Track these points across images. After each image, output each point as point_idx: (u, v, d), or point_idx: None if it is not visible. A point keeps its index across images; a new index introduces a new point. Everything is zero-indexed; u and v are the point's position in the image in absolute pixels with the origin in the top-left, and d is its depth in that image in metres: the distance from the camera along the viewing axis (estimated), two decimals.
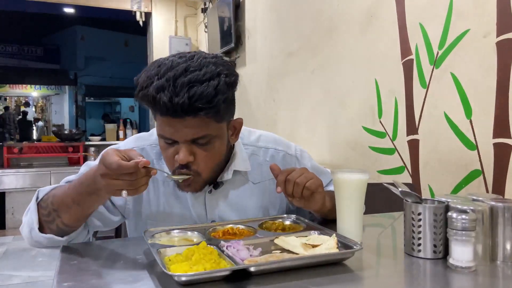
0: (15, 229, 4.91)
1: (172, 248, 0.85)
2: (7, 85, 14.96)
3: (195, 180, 0.99)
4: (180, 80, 0.88)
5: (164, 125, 0.94)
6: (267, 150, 1.19)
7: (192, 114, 0.90)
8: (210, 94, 0.89)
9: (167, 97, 0.87)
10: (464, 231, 0.78)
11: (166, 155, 0.98)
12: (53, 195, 0.97)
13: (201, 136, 0.94)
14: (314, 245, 0.86)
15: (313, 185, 0.99)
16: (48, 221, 0.96)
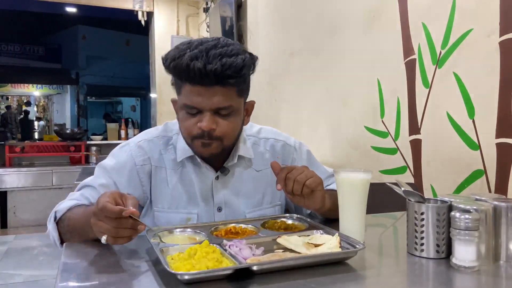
0: (17, 228, 4.93)
1: (174, 247, 0.85)
2: (9, 84, 14.98)
3: (216, 144, 1.04)
4: (211, 51, 0.96)
5: (192, 94, 1.00)
6: (267, 140, 1.24)
7: (221, 83, 0.98)
8: (239, 65, 0.98)
9: (201, 64, 0.95)
10: (467, 230, 0.78)
11: (188, 124, 1.03)
12: (68, 218, 1.02)
13: (225, 106, 1.01)
14: (316, 244, 0.87)
15: (313, 183, 1.00)
16: (67, 238, 1.03)
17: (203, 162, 1.13)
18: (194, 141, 1.05)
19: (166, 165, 1.14)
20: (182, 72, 0.98)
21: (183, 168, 1.14)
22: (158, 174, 1.13)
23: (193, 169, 1.14)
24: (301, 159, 1.27)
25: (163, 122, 4.56)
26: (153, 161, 1.13)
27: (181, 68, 0.97)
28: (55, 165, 5.28)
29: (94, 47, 14.68)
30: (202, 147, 1.04)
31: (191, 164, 1.14)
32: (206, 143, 1.03)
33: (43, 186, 5.12)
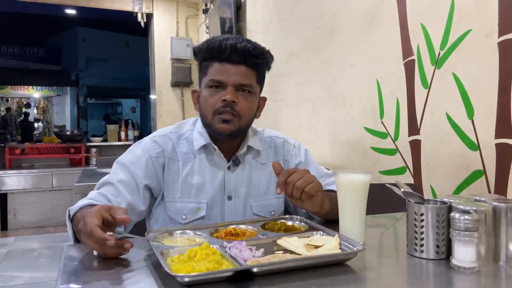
0: (17, 230, 4.93)
1: (174, 249, 0.85)
2: (9, 86, 14.98)
3: (234, 121, 1.13)
4: (242, 37, 1.15)
5: (219, 71, 1.13)
6: (270, 138, 1.34)
7: (246, 62, 1.13)
8: (264, 49, 1.17)
9: (233, 42, 1.11)
10: (467, 231, 0.78)
11: (212, 100, 1.14)
12: (76, 217, 1.03)
13: (247, 83, 1.14)
14: (316, 245, 0.87)
15: (312, 189, 1.01)
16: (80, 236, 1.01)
17: (217, 150, 1.20)
18: (215, 117, 1.14)
19: (179, 157, 1.20)
20: (214, 49, 1.12)
21: (196, 159, 1.21)
22: (171, 166, 1.19)
23: (206, 159, 1.21)
24: (300, 155, 1.33)
25: (162, 123, 4.61)
26: (167, 153, 1.20)
27: (213, 46, 1.12)
28: (55, 167, 5.28)
29: (93, 48, 14.68)
30: (221, 123, 1.13)
31: (204, 154, 1.21)
32: (227, 119, 1.12)
33: (43, 188, 5.12)
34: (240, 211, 1.21)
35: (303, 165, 1.31)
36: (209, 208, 1.18)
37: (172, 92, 5.47)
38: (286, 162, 1.32)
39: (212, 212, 1.19)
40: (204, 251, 0.81)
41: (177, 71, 5.34)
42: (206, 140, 1.20)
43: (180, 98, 5.47)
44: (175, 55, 5.28)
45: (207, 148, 1.21)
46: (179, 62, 5.37)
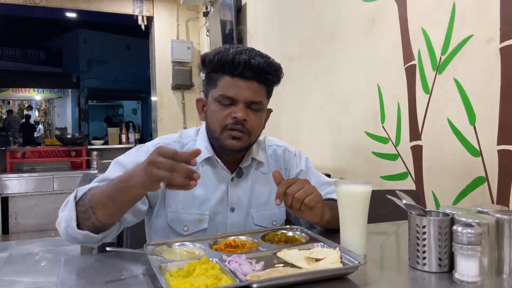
0: (18, 233, 4.92)
1: (173, 263, 0.84)
2: (10, 88, 15.01)
3: (245, 138, 1.12)
4: (253, 51, 1.10)
5: (230, 86, 1.10)
6: (270, 147, 1.32)
7: (258, 79, 1.10)
8: (277, 66, 1.14)
9: (246, 57, 1.07)
10: (470, 245, 0.77)
11: (221, 115, 1.11)
12: (91, 193, 1.00)
13: (258, 101, 1.12)
14: (317, 259, 0.85)
15: (312, 201, 1.00)
16: (84, 217, 0.98)
17: (220, 163, 1.18)
18: (224, 133, 1.12)
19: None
20: (226, 63, 1.09)
21: (198, 171, 1.16)
22: None
23: (210, 171, 1.20)
24: (300, 164, 1.32)
25: (163, 126, 4.60)
26: None
27: (226, 60, 1.08)
28: (56, 170, 5.28)
29: (95, 50, 14.70)
30: (231, 139, 1.12)
31: (208, 166, 1.20)
32: (237, 136, 1.11)
33: (44, 192, 5.12)
34: (242, 221, 1.20)
35: (304, 174, 1.30)
36: (211, 220, 1.17)
37: (173, 95, 5.47)
38: (287, 170, 1.30)
39: (214, 224, 1.17)
40: (203, 265, 0.80)
41: (178, 74, 5.33)
42: (210, 153, 1.18)
43: (181, 101, 5.46)
44: (175, 57, 5.27)
45: (211, 160, 1.20)
46: (180, 65, 5.37)
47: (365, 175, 2.15)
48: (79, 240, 0.99)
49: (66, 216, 1.00)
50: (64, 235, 1.01)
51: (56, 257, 3.95)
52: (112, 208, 0.96)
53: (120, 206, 0.97)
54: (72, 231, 0.98)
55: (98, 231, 0.99)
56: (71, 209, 0.99)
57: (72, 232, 0.98)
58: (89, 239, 0.99)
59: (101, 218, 0.97)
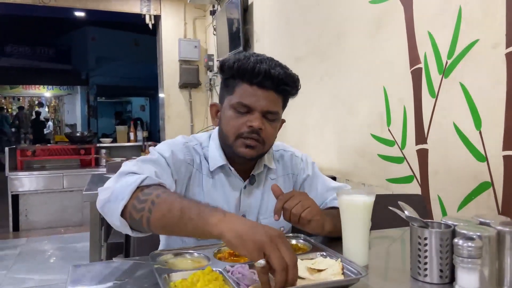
0: (29, 231, 4.99)
1: (177, 273, 0.86)
2: (20, 86, 15.18)
3: (259, 147, 1.12)
4: (273, 61, 1.11)
5: (248, 94, 1.10)
6: (277, 151, 1.32)
7: (276, 89, 1.10)
8: (295, 77, 1.14)
9: (267, 67, 1.07)
10: (470, 258, 0.78)
11: (236, 123, 1.11)
12: (164, 190, 0.92)
13: (274, 111, 1.12)
14: (319, 269, 0.87)
15: (309, 214, 1.02)
16: (136, 208, 0.90)
17: (233, 171, 1.19)
18: (238, 140, 1.12)
19: (203, 171, 1.19)
20: (246, 72, 1.08)
21: (214, 178, 1.20)
22: (196, 178, 1.18)
23: (224, 179, 1.20)
24: (308, 169, 1.33)
25: (171, 124, 4.62)
26: (196, 164, 1.19)
27: (246, 69, 1.08)
28: (65, 168, 5.33)
29: (103, 48, 14.79)
30: (245, 147, 1.12)
31: (222, 174, 1.20)
32: (251, 144, 1.11)
33: (54, 189, 5.18)
34: None
35: (310, 179, 1.31)
36: None
37: (180, 93, 5.49)
38: (294, 175, 1.31)
39: None
40: (207, 276, 0.81)
41: (185, 72, 5.35)
42: (223, 161, 1.18)
43: (188, 99, 5.49)
44: (183, 56, 5.29)
45: (224, 168, 1.20)
46: (187, 64, 5.39)
47: (371, 177, 2.16)
48: (112, 221, 0.93)
49: (117, 190, 0.92)
50: (100, 205, 0.95)
51: (66, 255, 4.00)
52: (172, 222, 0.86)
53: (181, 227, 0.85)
54: (112, 209, 0.92)
55: (136, 229, 0.94)
56: (128, 189, 0.91)
57: (112, 211, 0.92)
58: (122, 228, 0.93)
59: (153, 220, 0.88)
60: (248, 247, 0.74)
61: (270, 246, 0.73)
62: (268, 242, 0.73)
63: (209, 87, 5.24)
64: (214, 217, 0.80)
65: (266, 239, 0.74)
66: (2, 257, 3.94)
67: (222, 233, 0.77)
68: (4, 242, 4.54)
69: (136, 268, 0.94)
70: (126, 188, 0.92)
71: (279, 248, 0.73)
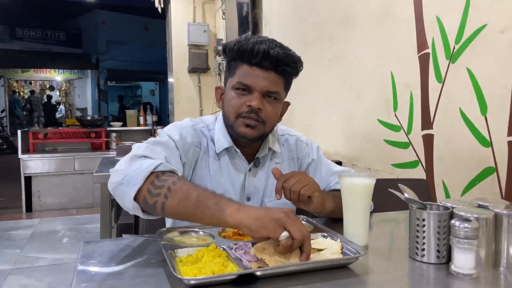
0: (41, 212, 5.11)
1: (183, 250, 0.89)
2: (32, 69, 15.30)
3: (259, 127, 1.14)
4: (274, 42, 1.11)
5: (248, 74, 1.11)
6: (282, 136, 1.34)
7: (276, 69, 1.11)
8: (296, 58, 1.14)
9: (266, 47, 1.08)
10: (466, 239, 0.80)
11: (237, 102, 1.13)
12: (179, 178, 0.95)
13: (274, 91, 1.13)
14: (319, 249, 0.89)
15: (308, 191, 1.04)
16: (151, 193, 0.92)
17: (238, 152, 1.21)
18: (238, 120, 1.14)
19: (210, 153, 1.21)
20: (245, 52, 1.10)
21: (220, 160, 1.22)
22: (203, 160, 1.20)
23: (229, 161, 1.22)
24: (312, 153, 1.35)
25: (180, 108, 4.65)
26: (203, 147, 1.21)
27: (245, 49, 1.10)
28: (76, 151, 5.42)
29: (113, 31, 14.80)
30: (245, 127, 1.13)
31: (227, 156, 1.22)
32: (251, 124, 1.13)
33: (65, 172, 5.27)
34: None
35: (315, 163, 1.33)
36: None
37: (189, 78, 5.51)
38: (299, 160, 1.33)
39: None
40: (211, 252, 0.85)
41: (194, 57, 5.35)
42: (229, 143, 1.20)
43: (197, 84, 5.50)
44: (192, 41, 5.29)
45: (229, 150, 1.22)
46: (196, 48, 5.39)
47: (377, 162, 2.17)
48: (123, 203, 0.95)
49: (130, 174, 0.94)
50: (112, 187, 0.97)
51: (78, 235, 4.10)
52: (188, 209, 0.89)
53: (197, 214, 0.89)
54: (124, 193, 0.93)
55: (149, 212, 0.95)
56: (142, 174, 0.92)
57: (124, 194, 0.93)
58: (134, 211, 0.95)
59: (169, 206, 0.90)
60: (269, 226, 0.81)
61: (288, 221, 0.81)
62: (286, 217, 0.81)
63: (218, 71, 5.25)
64: (230, 207, 0.86)
65: (283, 215, 0.82)
66: (15, 237, 4.04)
67: (240, 221, 0.84)
68: (18, 222, 4.65)
69: (144, 245, 0.98)
70: (140, 173, 0.93)
71: (295, 222, 0.82)
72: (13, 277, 3.07)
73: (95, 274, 0.86)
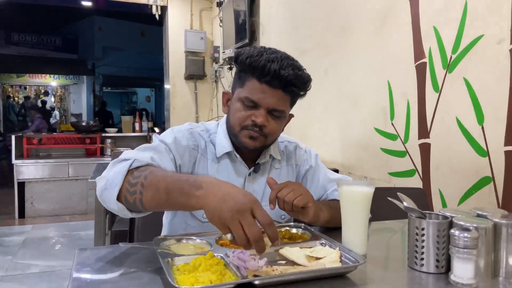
0: (34, 218, 5.06)
1: (180, 258, 0.88)
2: (27, 74, 15.23)
3: (261, 139, 1.16)
4: (286, 60, 1.10)
5: (256, 90, 1.12)
6: (282, 143, 1.36)
7: (284, 89, 1.12)
8: (305, 79, 1.15)
9: (277, 67, 1.08)
10: (466, 249, 0.79)
11: (242, 115, 1.15)
12: (150, 171, 0.94)
13: (280, 109, 1.15)
14: (318, 257, 0.89)
15: (301, 201, 1.04)
16: (129, 191, 0.93)
17: (239, 158, 1.22)
18: (243, 131, 1.15)
19: (208, 156, 1.22)
20: (256, 69, 1.10)
21: (220, 164, 1.23)
22: (201, 163, 1.21)
23: (230, 165, 1.23)
24: (310, 160, 1.36)
25: (176, 115, 4.66)
26: (200, 149, 1.22)
27: (257, 66, 1.10)
28: (71, 157, 5.39)
29: (110, 38, 14.78)
30: (248, 138, 1.15)
31: (228, 160, 1.23)
32: (254, 136, 1.14)
33: (59, 178, 5.23)
34: None
35: (313, 170, 1.34)
36: None
37: (185, 84, 5.51)
38: (297, 166, 1.35)
39: None
40: (208, 261, 0.84)
41: (191, 64, 5.36)
42: (230, 148, 1.22)
43: (194, 91, 5.50)
44: (189, 48, 5.30)
45: (230, 155, 1.23)
46: (193, 55, 5.40)
47: (373, 171, 2.17)
48: (110, 207, 0.97)
49: (111, 178, 0.96)
50: (98, 194, 0.99)
51: (71, 242, 4.06)
52: (161, 201, 0.90)
53: (168, 204, 0.90)
54: (108, 196, 0.95)
55: (134, 210, 0.97)
56: (120, 175, 0.94)
57: (108, 197, 0.95)
58: (121, 212, 0.97)
59: (144, 201, 0.91)
60: (216, 224, 0.80)
61: (232, 223, 0.78)
62: (230, 220, 0.78)
63: (215, 78, 5.25)
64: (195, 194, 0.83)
65: (229, 216, 0.78)
66: (7, 243, 4.00)
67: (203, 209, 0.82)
68: (10, 228, 4.60)
69: (140, 252, 0.97)
70: (118, 174, 0.95)
71: (243, 224, 0.78)
72: (5, 284, 3.03)
73: (90, 281, 0.84)
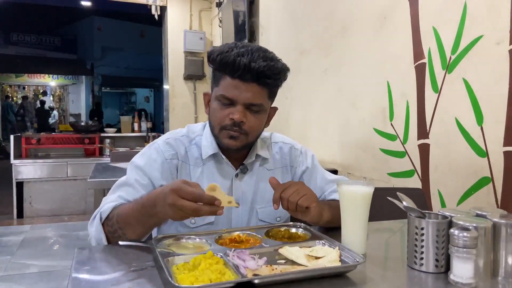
0: (33, 218, 5.05)
1: (180, 257, 0.88)
2: (26, 74, 15.22)
3: (242, 138, 1.14)
4: (256, 53, 1.09)
5: (230, 87, 1.10)
6: (277, 144, 1.33)
7: (258, 81, 1.09)
8: (278, 69, 1.12)
9: (247, 60, 1.07)
10: (465, 248, 0.80)
11: (220, 114, 1.13)
12: (117, 214, 1.05)
13: (257, 103, 1.12)
14: (317, 257, 0.89)
15: (305, 202, 1.03)
16: (114, 236, 1.05)
17: (225, 159, 1.21)
18: (222, 132, 1.14)
19: (190, 161, 1.21)
20: (227, 65, 1.09)
21: (205, 166, 1.22)
22: (183, 169, 1.21)
23: (215, 167, 1.22)
24: (306, 161, 1.33)
25: (175, 115, 4.67)
26: (180, 156, 1.21)
27: (227, 62, 1.08)
28: (70, 157, 5.37)
29: (109, 38, 14.80)
30: (228, 139, 1.14)
31: (213, 161, 1.22)
32: (234, 135, 1.13)
33: (58, 178, 5.22)
34: (246, 217, 1.23)
35: (309, 171, 1.32)
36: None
37: (184, 85, 5.51)
38: (293, 168, 1.32)
39: (220, 218, 1.20)
40: (208, 260, 0.84)
41: (190, 64, 5.36)
42: (215, 149, 1.20)
43: (193, 91, 5.50)
44: (188, 48, 5.30)
45: (216, 156, 1.22)
46: (192, 55, 5.40)
47: (373, 171, 2.17)
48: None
49: (95, 235, 1.06)
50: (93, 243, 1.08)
51: (69, 242, 4.05)
52: (140, 229, 1.02)
53: (148, 228, 1.03)
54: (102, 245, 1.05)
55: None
56: (99, 230, 1.05)
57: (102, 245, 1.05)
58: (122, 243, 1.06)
59: (131, 236, 1.03)
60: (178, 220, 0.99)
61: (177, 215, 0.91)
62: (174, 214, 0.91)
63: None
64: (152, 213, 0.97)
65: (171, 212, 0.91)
66: (6, 243, 3.98)
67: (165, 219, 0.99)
68: (8, 228, 4.59)
69: (140, 252, 0.97)
70: (97, 231, 1.06)
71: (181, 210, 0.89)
72: (3, 284, 3.02)
73: (89, 281, 0.84)
